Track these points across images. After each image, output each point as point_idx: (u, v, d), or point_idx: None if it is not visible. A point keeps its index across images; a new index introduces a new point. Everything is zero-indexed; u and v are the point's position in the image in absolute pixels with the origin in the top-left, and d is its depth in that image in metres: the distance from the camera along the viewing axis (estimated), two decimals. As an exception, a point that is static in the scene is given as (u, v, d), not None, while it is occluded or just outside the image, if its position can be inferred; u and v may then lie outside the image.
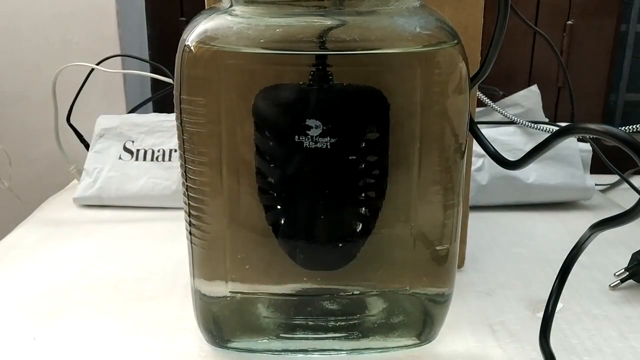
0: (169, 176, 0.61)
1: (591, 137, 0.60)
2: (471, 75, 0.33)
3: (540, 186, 0.59)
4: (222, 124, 0.31)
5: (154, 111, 0.80)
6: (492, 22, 0.32)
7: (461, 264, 0.46)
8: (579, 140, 0.62)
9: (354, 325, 0.35)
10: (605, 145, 0.78)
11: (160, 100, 0.77)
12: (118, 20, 0.78)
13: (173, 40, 0.33)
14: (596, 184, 0.62)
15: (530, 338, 0.38)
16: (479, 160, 0.59)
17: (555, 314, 0.33)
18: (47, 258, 0.50)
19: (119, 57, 0.75)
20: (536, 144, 0.31)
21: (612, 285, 0.44)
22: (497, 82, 0.72)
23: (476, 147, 0.50)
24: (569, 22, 0.78)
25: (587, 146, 0.62)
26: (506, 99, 0.68)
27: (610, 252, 0.49)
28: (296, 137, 0.30)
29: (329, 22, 0.30)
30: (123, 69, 0.75)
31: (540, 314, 0.34)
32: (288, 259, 0.33)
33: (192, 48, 0.31)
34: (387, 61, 0.31)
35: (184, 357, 0.36)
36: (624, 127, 0.58)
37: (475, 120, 0.36)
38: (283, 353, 0.36)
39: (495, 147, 0.35)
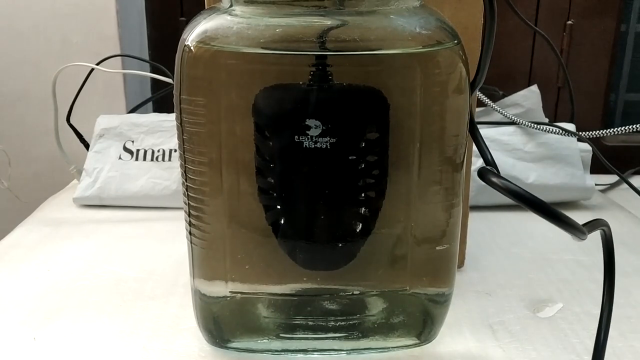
0: (168, 176, 0.61)
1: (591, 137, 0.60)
2: (471, 75, 0.32)
3: (540, 186, 0.59)
4: (221, 124, 0.31)
5: (154, 111, 0.80)
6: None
7: (461, 264, 0.46)
8: (579, 140, 0.62)
9: (354, 325, 0.35)
10: (605, 145, 0.78)
11: (160, 100, 0.77)
12: (118, 20, 0.77)
13: (173, 40, 0.33)
14: (596, 184, 0.62)
15: (530, 338, 0.38)
16: (479, 160, 0.59)
17: (555, 314, 0.33)
18: (47, 258, 0.50)
19: (119, 57, 0.75)
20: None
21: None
22: (497, 82, 0.72)
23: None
24: (569, 22, 0.78)
25: (587, 146, 0.62)
26: (506, 99, 0.68)
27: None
28: (296, 137, 0.30)
29: (329, 22, 0.30)
30: (123, 69, 0.75)
31: (541, 314, 0.34)
32: (288, 259, 0.33)
33: (192, 48, 0.31)
34: (387, 61, 0.31)
35: (184, 357, 0.36)
36: (623, 127, 0.59)
37: (475, 120, 0.36)
38: (283, 353, 0.36)
39: (496, 147, 0.35)
